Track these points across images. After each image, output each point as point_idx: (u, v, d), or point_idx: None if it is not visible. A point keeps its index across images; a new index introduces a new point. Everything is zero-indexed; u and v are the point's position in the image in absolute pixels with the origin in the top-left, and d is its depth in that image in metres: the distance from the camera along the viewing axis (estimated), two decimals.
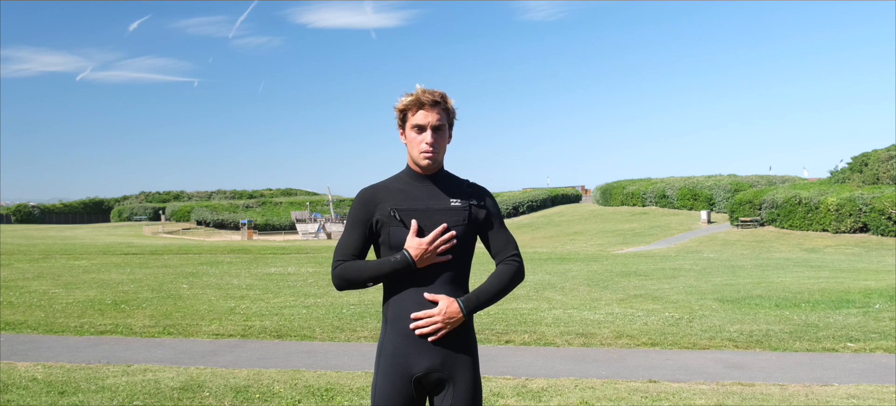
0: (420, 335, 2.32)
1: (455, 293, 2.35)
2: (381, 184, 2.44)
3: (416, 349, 2.33)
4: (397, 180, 2.44)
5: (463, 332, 2.38)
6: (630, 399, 5.28)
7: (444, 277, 2.35)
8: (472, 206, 2.42)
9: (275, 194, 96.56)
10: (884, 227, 30.19)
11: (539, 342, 7.77)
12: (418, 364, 2.33)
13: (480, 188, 2.50)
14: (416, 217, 2.34)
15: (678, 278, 15.24)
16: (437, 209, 2.37)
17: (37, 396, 5.31)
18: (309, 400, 5.26)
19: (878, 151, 36.84)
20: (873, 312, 9.85)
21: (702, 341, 7.77)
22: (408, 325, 2.33)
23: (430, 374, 2.34)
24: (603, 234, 39.95)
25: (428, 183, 2.41)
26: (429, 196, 2.39)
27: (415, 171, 2.43)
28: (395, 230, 2.34)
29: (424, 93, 2.37)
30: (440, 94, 2.38)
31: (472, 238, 2.43)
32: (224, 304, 11.32)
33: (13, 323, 9.08)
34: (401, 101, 2.40)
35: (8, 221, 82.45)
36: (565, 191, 66.35)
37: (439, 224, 2.34)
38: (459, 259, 2.39)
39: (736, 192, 43.04)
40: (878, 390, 5.56)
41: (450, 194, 2.41)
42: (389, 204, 2.36)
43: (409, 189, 2.40)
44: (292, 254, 26.41)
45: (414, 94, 2.37)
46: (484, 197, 2.47)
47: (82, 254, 25.65)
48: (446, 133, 2.42)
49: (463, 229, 2.38)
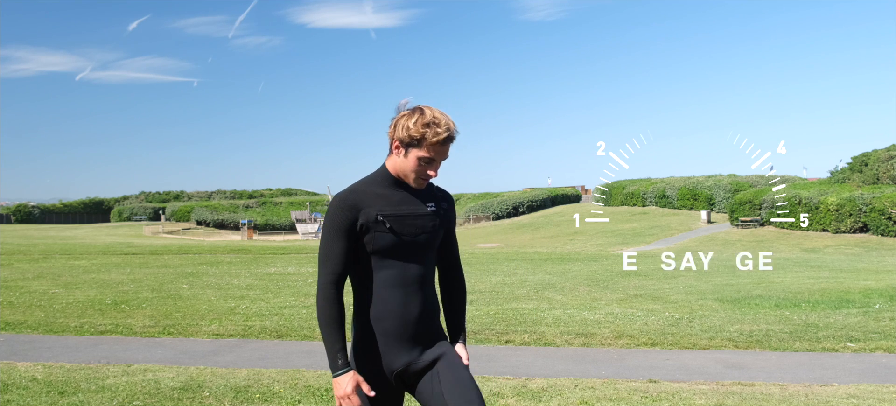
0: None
1: (428, 293, 2.49)
2: (359, 188, 2.44)
3: (397, 346, 2.44)
4: (374, 184, 2.46)
5: (437, 324, 2.55)
6: (630, 399, 5.28)
7: (422, 280, 2.48)
8: (442, 210, 2.56)
9: (275, 194, 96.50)
10: (884, 227, 30.20)
11: (539, 342, 7.77)
12: (398, 359, 2.45)
13: (446, 193, 2.64)
14: (401, 222, 2.42)
15: (678, 278, 15.25)
16: (417, 214, 2.47)
17: (37, 396, 5.31)
18: (309, 400, 5.26)
19: (878, 151, 36.87)
20: (873, 312, 9.85)
21: (702, 341, 7.77)
22: (390, 323, 2.42)
23: (409, 366, 2.46)
24: (603, 234, 39.95)
25: (404, 188, 2.49)
26: (407, 201, 2.47)
27: (392, 176, 2.48)
28: (382, 235, 2.39)
29: (446, 130, 2.35)
30: (456, 130, 2.41)
31: (439, 240, 2.57)
32: (224, 304, 11.32)
33: (13, 323, 9.08)
34: (417, 128, 2.34)
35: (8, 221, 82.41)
36: (565, 191, 66.31)
37: (419, 228, 2.46)
38: (432, 262, 2.54)
39: (736, 192, 43.04)
40: (878, 390, 5.56)
41: (424, 199, 2.51)
42: (374, 209, 2.40)
43: (389, 194, 2.45)
44: (292, 254, 26.41)
45: (436, 132, 2.33)
46: (450, 202, 2.62)
47: (82, 254, 25.65)
48: None
49: (439, 233, 2.53)
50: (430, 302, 2.49)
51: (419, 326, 2.45)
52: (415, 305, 2.44)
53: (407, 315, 2.42)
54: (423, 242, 2.46)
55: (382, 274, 2.42)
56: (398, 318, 2.42)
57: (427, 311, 2.47)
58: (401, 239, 2.40)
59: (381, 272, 2.42)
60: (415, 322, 2.44)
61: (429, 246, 2.48)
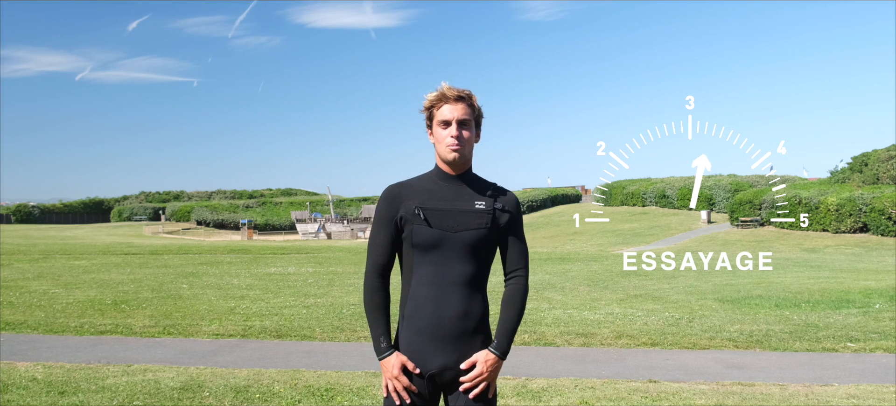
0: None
1: (471, 296, 2.37)
2: (407, 181, 2.46)
3: (432, 346, 2.36)
4: (425, 179, 2.45)
5: (478, 330, 2.40)
6: (630, 399, 5.28)
7: (462, 280, 2.36)
8: (496, 210, 2.42)
9: (275, 194, 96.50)
10: (884, 227, 30.19)
11: (539, 342, 7.77)
12: (433, 361, 2.36)
13: (507, 192, 2.50)
14: (440, 216, 2.36)
15: (678, 278, 15.25)
16: (462, 210, 2.38)
17: (37, 396, 5.31)
18: (309, 400, 5.26)
19: (878, 151, 36.84)
20: (873, 312, 9.84)
21: (702, 341, 7.77)
22: (424, 322, 2.36)
23: (444, 371, 2.37)
24: (603, 233, 39.95)
25: (455, 183, 2.42)
26: (454, 196, 2.40)
27: (443, 171, 2.44)
28: (419, 229, 2.35)
29: (450, 89, 2.40)
30: (466, 92, 2.41)
31: (493, 242, 2.44)
32: (224, 304, 11.32)
33: (13, 323, 9.08)
34: (427, 99, 2.42)
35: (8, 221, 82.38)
36: (565, 191, 66.30)
37: (463, 224, 2.36)
38: (479, 262, 2.40)
39: (736, 192, 43.03)
40: (878, 390, 5.56)
41: (475, 196, 2.41)
42: (414, 202, 2.38)
43: (436, 188, 2.41)
44: (292, 254, 26.41)
45: (439, 91, 2.40)
46: (509, 201, 2.47)
47: (82, 254, 25.65)
48: (473, 129, 2.43)
49: (485, 232, 2.39)
50: (471, 305, 2.37)
51: (456, 329, 2.35)
52: (451, 306, 2.34)
53: (441, 316, 2.34)
54: (468, 240, 2.36)
55: (422, 270, 2.37)
56: (432, 318, 2.34)
57: (466, 314, 2.35)
58: (440, 234, 2.34)
59: (421, 268, 2.37)
60: (451, 323, 2.34)
61: (475, 245, 2.36)
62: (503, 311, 2.47)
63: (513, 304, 2.45)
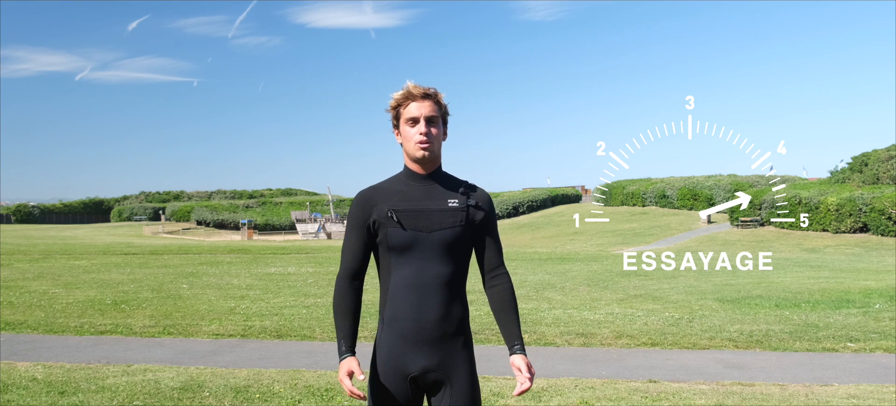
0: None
1: (451, 299, 2.36)
2: (378, 185, 2.43)
3: (413, 349, 2.34)
4: (395, 181, 2.43)
5: (459, 331, 2.39)
6: (630, 399, 5.28)
7: (441, 281, 2.35)
8: (469, 207, 2.40)
9: (275, 194, 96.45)
10: (884, 227, 30.20)
11: (539, 342, 7.77)
12: (414, 363, 2.34)
13: (477, 188, 2.47)
14: (414, 217, 2.34)
15: (678, 278, 15.25)
16: (435, 209, 2.36)
17: (37, 396, 5.31)
18: (309, 400, 5.26)
19: (878, 151, 36.86)
20: (873, 312, 9.85)
21: (702, 341, 7.77)
22: (404, 325, 2.34)
23: (426, 373, 2.35)
24: (603, 234, 39.94)
25: (426, 182, 2.40)
26: (426, 196, 2.38)
27: (412, 171, 2.42)
28: (393, 231, 2.34)
29: (416, 87, 2.39)
30: (432, 89, 2.40)
31: (468, 240, 2.41)
32: (224, 304, 11.32)
33: (13, 323, 9.08)
34: (393, 98, 2.41)
35: (8, 221, 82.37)
36: (565, 191, 66.29)
37: (437, 224, 2.34)
38: (456, 261, 2.38)
39: (736, 191, 43.02)
40: (878, 390, 5.56)
41: (448, 194, 2.40)
42: (387, 205, 2.36)
43: (407, 189, 2.39)
44: (292, 254, 26.41)
45: (405, 89, 2.40)
46: (482, 198, 2.45)
47: (82, 254, 25.64)
48: (440, 126, 2.41)
49: (460, 230, 2.37)
50: (451, 308, 2.35)
51: (437, 331, 2.33)
52: (431, 308, 2.33)
53: (422, 318, 2.32)
54: (443, 240, 2.34)
55: (400, 273, 2.35)
56: (412, 321, 2.32)
57: (447, 316, 2.34)
58: (414, 235, 2.32)
59: (398, 271, 2.35)
60: (431, 326, 2.33)
61: (450, 244, 2.35)
62: (504, 315, 2.45)
63: (510, 307, 2.46)
